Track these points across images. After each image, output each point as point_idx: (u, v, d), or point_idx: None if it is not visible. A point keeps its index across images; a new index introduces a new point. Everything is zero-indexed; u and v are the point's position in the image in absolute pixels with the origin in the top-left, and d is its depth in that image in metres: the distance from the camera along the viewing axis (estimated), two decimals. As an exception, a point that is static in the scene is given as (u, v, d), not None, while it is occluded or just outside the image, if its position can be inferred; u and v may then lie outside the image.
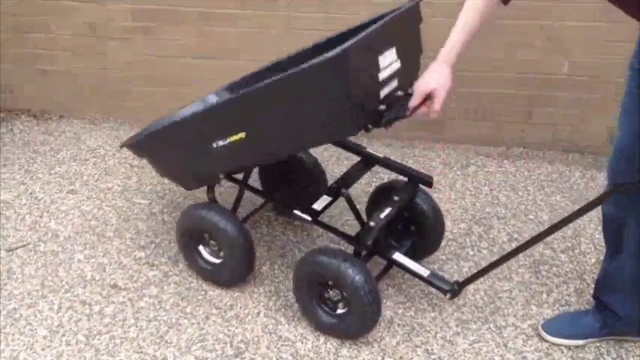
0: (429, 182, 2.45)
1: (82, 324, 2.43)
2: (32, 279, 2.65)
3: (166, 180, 3.26)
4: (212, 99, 2.79)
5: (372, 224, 2.29)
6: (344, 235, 2.39)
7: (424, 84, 2.04)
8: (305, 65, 1.95)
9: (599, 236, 2.84)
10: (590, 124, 3.45)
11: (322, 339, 2.36)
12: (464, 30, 2.01)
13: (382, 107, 2.10)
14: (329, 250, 2.28)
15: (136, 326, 2.42)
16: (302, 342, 2.35)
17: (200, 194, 3.14)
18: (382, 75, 2.09)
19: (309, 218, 2.33)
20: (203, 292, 2.58)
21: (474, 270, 2.66)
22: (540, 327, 2.37)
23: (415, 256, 2.49)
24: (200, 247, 2.58)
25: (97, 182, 3.29)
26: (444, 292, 2.25)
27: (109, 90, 3.85)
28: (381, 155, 2.56)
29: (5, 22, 3.72)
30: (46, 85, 3.89)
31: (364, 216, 2.59)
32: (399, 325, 2.42)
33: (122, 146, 2.68)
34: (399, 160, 2.60)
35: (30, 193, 3.20)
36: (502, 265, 2.64)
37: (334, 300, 2.30)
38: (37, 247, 2.83)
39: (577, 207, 3.02)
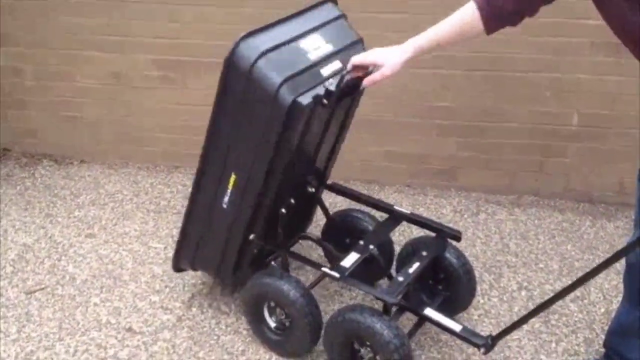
0: (457, 237, 2.48)
1: (97, 367, 2.48)
2: (49, 321, 2.70)
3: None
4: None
5: (400, 278, 2.30)
6: (373, 292, 2.38)
7: (376, 53, 2.09)
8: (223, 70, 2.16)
9: (608, 286, 2.86)
10: (601, 174, 3.49)
11: (332, 385, 2.38)
12: (434, 34, 2.04)
13: (330, 82, 2.18)
14: (358, 308, 2.26)
15: (149, 370, 2.46)
16: (312, 389, 2.38)
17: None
18: (312, 56, 2.23)
19: (337, 275, 2.33)
20: (215, 337, 2.62)
21: (485, 319, 2.69)
22: (549, 377, 2.39)
23: (448, 312, 2.45)
24: (267, 316, 2.54)
25: (115, 227, 3.36)
26: (479, 346, 2.23)
27: (129, 137, 3.96)
28: (408, 212, 2.60)
29: (32, 71, 3.86)
30: (68, 132, 4.00)
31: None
32: (408, 373, 2.43)
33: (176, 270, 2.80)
34: (412, 210, 2.64)
35: (50, 237, 3.28)
36: (512, 314, 2.69)
37: (365, 358, 2.29)
38: (55, 290, 2.89)
39: (586, 256, 3.06)
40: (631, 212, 3.24)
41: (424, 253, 2.42)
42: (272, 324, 2.52)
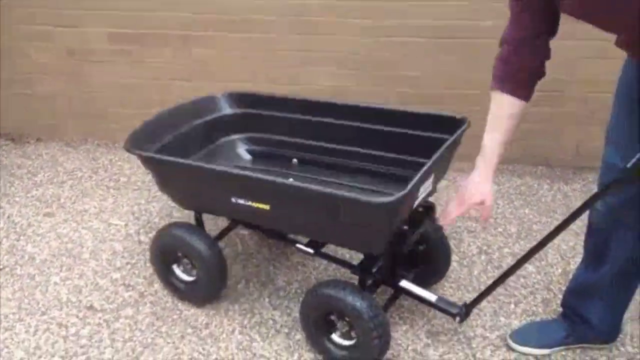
0: (431, 208, 2.49)
1: (59, 346, 2.45)
2: (8, 302, 2.67)
3: (142, 201, 3.32)
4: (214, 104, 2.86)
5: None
6: (348, 265, 2.41)
7: (470, 197, 2.10)
8: (357, 197, 1.98)
9: (565, 247, 2.92)
10: (559, 138, 3.54)
11: (296, 355, 2.40)
12: (494, 145, 2.07)
13: (405, 227, 2.24)
14: (334, 283, 2.27)
15: (112, 347, 2.45)
16: (277, 359, 2.39)
17: (177, 214, 3.19)
18: (416, 203, 2.19)
19: (312, 251, 2.34)
20: (178, 312, 2.61)
21: (445, 284, 2.72)
22: (508, 337, 2.43)
23: (423, 283, 2.47)
24: (174, 266, 2.63)
25: (74, 205, 3.32)
26: (454, 315, 2.27)
27: (86, 113, 3.90)
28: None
29: (-18, 48, 3.77)
30: (24, 109, 3.93)
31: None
32: (370, 339, 2.46)
33: (126, 150, 2.52)
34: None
35: (8, 216, 3.23)
36: (471, 277, 2.73)
37: (342, 332, 2.31)
38: (13, 270, 2.85)
39: (544, 219, 3.11)
40: (588, 175, 3.31)
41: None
42: (181, 275, 2.63)
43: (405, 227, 2.28)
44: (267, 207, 2.22)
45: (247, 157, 2.88)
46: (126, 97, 3.82)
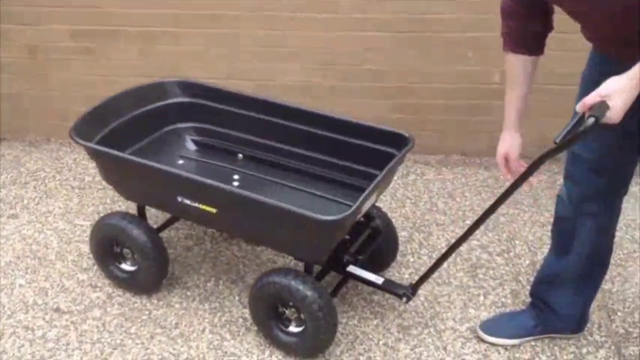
0: (372, 218, 2.52)
1: (25, 349, 2.41)
2: (-28, 306, 2.62)
3: (108, 201, 3.27)
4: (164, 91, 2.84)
5: None
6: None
7: (498, 154, 2.21)
8: (302, 212, 2.04)
9: (532, 238, 2.96)
10: (524, 130, 3.56)
11: (267, 352, 2.39)
12: (510, 100, 2.14)
13: (347, 236, 2.36)
14: (280, 270, 2.30)
15: (80, 349, 2.41)
16: (247, 357, 2.38)
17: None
18: (359, 216, 2.28)
19: None
20: (147, 312, 2.58)
21: (415, 277, 2.73)
22: (478, 328, 2.46)
23: (373, 270, 2.50)
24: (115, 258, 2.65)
25: (38, 206, 3.26)
26: (399, 296, 2.33)
27: (49, 112, 3.82)
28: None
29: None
30: (-16, 109, 3.84)
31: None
32: (342, 334, 2.46)
33: (71, 137, 2.47)
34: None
35: (-31, 219, 3.16)
36: (440, 270, 2.75)
37: (290, 319, 2.32)
38: (-23, 274, 2.80)
39: (511, 210, 3.16)
40: (553, 167, 3.35)
41: None
42: (123, 265, 2.64)
43: (347, 237, 2.38)
44: (213, 210, 2.25)
45: (192, 147, 2.87)
46: (89, 95, 3.73)
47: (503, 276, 2.76)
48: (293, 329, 2.33)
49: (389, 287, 2.38)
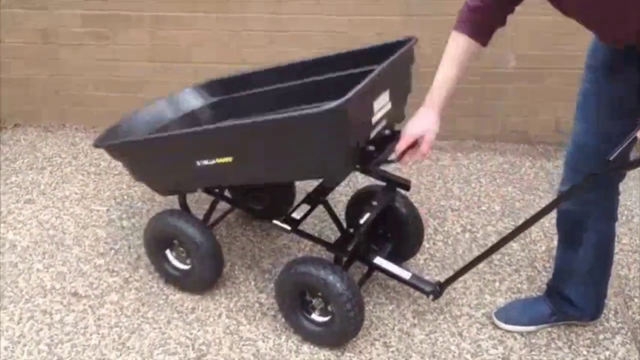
0: (406, 186, 2.48)
1: (44, 334, 2.43)
2: (-9, 291, 2.65)
3: (124, 186, 3.28)
4: (188, 97, 2.83)
5: (351, 230, 2.31)
6: (324, 243, 2.40)
7: (411, 129, 2.08)
8: (304, 112, 1.98)
9: (549, 224, 2.94)
10: (539, 114, 3.55)
11: (283, 337, 2.40)
12: (445, 79, 2.07)
13: (371, 147, 2.17)
14: (309, 260, 2.28)
15: (98, 333, 2.43)
16: (264, 341, 2.39)
17: (160, 199, 3.16)
18: (375, 118, 2.15)
19: (289, 227, 2.33)
20: (164, 297, 2.60)
21: (430, 263, 2.74)
22: (493, 315, 2.45)
23: (397, 259, 2.49)
24: (168, 253, 2.60)
25: (54, 191, 3.28)
26: (427, 293, 2.29)
27: (63, 97, 3.83)
28: None
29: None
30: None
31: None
32: (357, 319, 2.47)
33: (95, 146, 2.54)
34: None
35: (-13, 204, 3.19)
36: (456, 257, 2.75)
37: (317, 308, 2.32)
38: (-5, 258, 2.82)
39: (527, 196, 3.14)
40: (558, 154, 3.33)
41: (374, 203, 2.42)
42: (175, 262, 2.60)
43: (372, 148, 2.23)
44: (229, 159, 2.21)
45: None
46: (101, 79, 3.76)
47: (519, 262, 2.75)
48: (318, 318, 2.33)
49: (416, 283, 2.33)
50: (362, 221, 2.33)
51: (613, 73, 1.96)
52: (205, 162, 2.26)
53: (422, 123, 2.08)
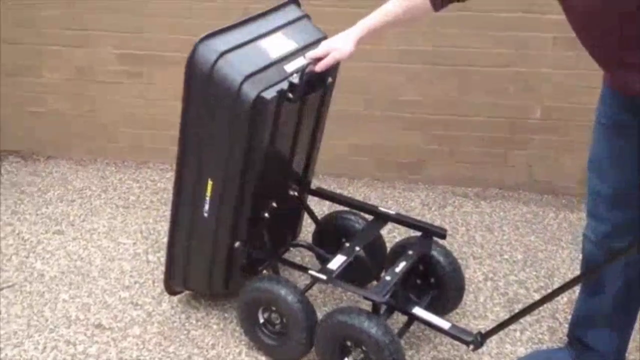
0: (442, 235, 2.50)
1: (66, 364, 2.48)
2: (17, 318, 2.69)
3: (151, 220, 3.36)
4: None
5: (388, 278, 2.31)
6: (361, 292, 2.39)
7: (326, 43, 2.21)
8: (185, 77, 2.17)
9: (571, 275, 2.94)
10: (564, 166, 3.57)
11: (302, 377, 2.42)
12: (382, 14, 2.14)
13: (294, 79, 2.19)
14: (348, 310, 2.27)
15: (120, 366, 2.47)
16: (283, 381, 2.40)
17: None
18: (274, 54, 2.26)
19: (325, 277, 2.34)
20: (186, 332, 2.63)
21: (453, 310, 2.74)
22: (514, 365, 2.45)
23: (438, 311, 2.47)
24: (262, 321, 2.51)
25: (83, 223, 3.35)
26: (467, 343, 2.25)
27: (96, 132, 3.94)
28: (393, 212, 2.62)
29: (-1, 66, 3.83)
30: (34, 127, 3.97)
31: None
32: (377, 363, 2.47)
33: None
34: (381, 204, 2.68)
35: (17, 233, 3.25)
36: (477, 304, 2.75)
37: (357, 359, 2.30)
38: (23, 287, 2.88)
39: (550, 247, 3.14)
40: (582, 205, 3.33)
41: (410, 252, 2.43)
42: (269, 329, 2.50)
43: (294, 78, 2.20)
44: (211, 182, 2.30)
45: None
46: (135, 116, 3.87)
47: (540, 312, 2.75)
48: None
49: (456, 333, 2.28)
50: (397, 269, 2.34)
51: (620, 129, 2.01)
52: (206, 206, 2.36)
53: (335, 41, 2.19)
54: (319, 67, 2.18)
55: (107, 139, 3.94)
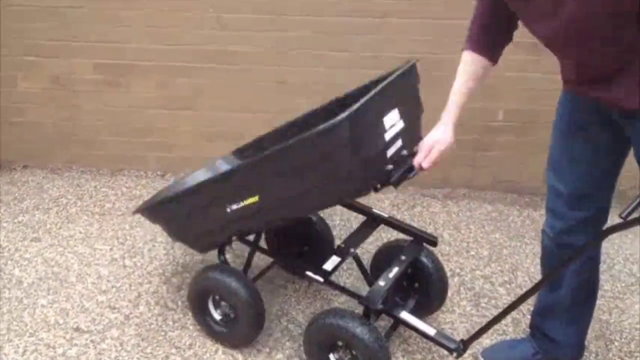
0: (433, 242, 2.57)
1: (46, 367, 2.53)
2: (-4, 324, 2.75)
3: (127, 226, 3.41)
4: (222, 164, 2.92)
5: (382, 283, 2.35)
6: (355, 296, 2.45)
7: (427, 139, 2.23)
8: (309, 132, 2.04)
9: (534, 270, 3.06)
10: (527, 166, 3.71)
11: (277, 373, 2.50)
12: (457, 95, 2.22)
13: (390, 166, 2.22)
14: (339, 312, 2.32)
15: (99, 367, 2.53)
16: (258, 377, 2.48)
17: (162, 239, 3.28)
18: (388, 135, 2.20)
19: (321, 279, 2.40)
20: (163, 333, 2.70)
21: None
22: (480, 355, 2.55)
23: (419, 314, 2.54)
24: (211, 309, 2.64)
25: (60, 230, 3.40)
26: (450, 350, 2.31)
27: (71, 141, 3.99)
28: (386, 215, 2.68)
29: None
30: (11, 137, 4.00)
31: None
32: (349, 358, 2.56)
33: (135, 212, 2.73)
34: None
35: (-6, 242, 3.30)
36: (446, 298, 2.85)
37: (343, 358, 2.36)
38: (2, 293, 2.92)
39: (514, 243, 3.26)
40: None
41: (403, 257, 2.48)
42: (217, 317, 2.62)
43: (390, 167, 2.23)
44: (256, 198, 2.27)
45: None
46: (110, 125, 3.92)
47: (505, 305, 2.83)
48: None
49: (441, 341, 2.34)
50: (391, 275, 2.38)
51: (579, 131, 2.12)
52: (235, 207, 2.34)
53: (434, 134, 2.22)
54: (427, 165, 2.19)
55: (83, 148, 4.00)
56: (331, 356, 2.39)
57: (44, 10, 3.65)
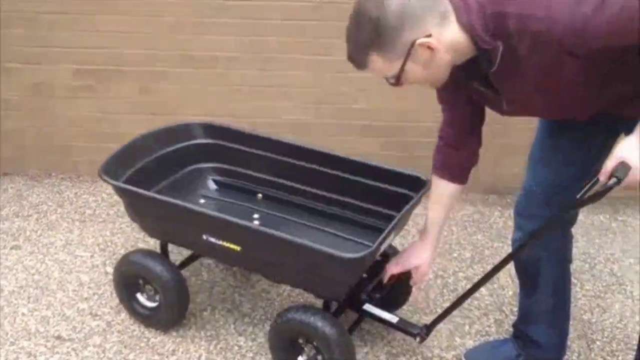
0: (387, 258, 2.56)
1: (27, 376, 2.50)
2: (-24, 333, 2.71)
3: (108, 233, 3.38)
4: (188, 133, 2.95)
5: None
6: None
7: (407, 259, 2.33)
8: (323, 249, 2.12)
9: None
10: (506, 167, 3.73)
11: (261, 378, 2.49)
12: (435, 220, 2.30)
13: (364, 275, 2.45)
14: (300, 308, 2.36)
15: (81, 375, 2.51)
16: (242, 382, 2.48)
17: (141, 244, 3.26)
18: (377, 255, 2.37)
19: None
20: (145, 340, 2.68)
21: (404, 307, 2.84)
22: (463, 357, 2.57)
23: (386, 308, 2.55)
24: (137, 293, 2.71)
25: (40, 237, 3.37)
26: (414, 335, 2.38)
27: (51, 148, 3.95)
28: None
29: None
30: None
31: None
32: (333, 361, 2.56)
33: (100, 176, 2.53)
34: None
35: (-27, 250, 3.26)
36: (428, 301, 2.86)
37: (310, 356, 2.38)
38: (-19, 302, 2.89)
39: (496, 244, 3.28)
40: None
41: None
42: (144, 301, 2.71)
43: (365, 275, 2.46)
44: (238, 248, 2.32)
45: (213, 187, 2.98)
46: (90, 131, 3.90)
47: (487, 306, 2.88)
48: None
49: (404, 327, 2.42)
50: None
51: (557, 129, 2.15)
52: (212, 240, 2.37)
53: (418, 255, 2.31)
54: (417, 290, 2.40)
55: (63, 154, 3.96)
56: (300, 358, 2.41)
57: (23, 17, 3.62)
